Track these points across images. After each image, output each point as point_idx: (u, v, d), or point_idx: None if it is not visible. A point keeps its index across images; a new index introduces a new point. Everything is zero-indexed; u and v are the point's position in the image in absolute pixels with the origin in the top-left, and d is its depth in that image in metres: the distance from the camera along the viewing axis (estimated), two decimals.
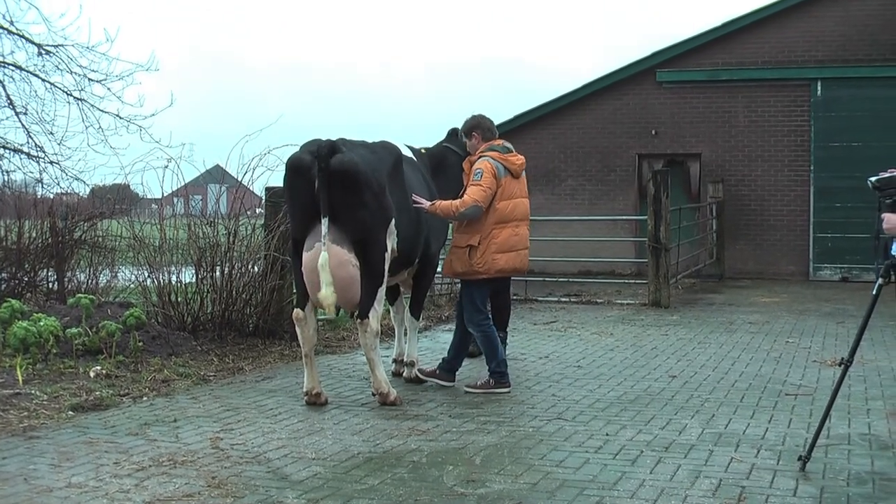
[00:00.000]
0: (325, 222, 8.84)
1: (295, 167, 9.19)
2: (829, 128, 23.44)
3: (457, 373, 10.40)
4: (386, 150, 9.71)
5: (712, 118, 24.15)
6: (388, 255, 9.31)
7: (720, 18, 27.03)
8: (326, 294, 8.88)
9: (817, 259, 23.51)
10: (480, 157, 10.04)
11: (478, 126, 10.33)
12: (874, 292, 7.19)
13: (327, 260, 8.82)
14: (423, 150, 11.01)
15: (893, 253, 7.12)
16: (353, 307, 9.38)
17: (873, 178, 7.31)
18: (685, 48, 24.29)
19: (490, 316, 10.31)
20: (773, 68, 23.72)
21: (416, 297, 10.94)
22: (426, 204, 9.82)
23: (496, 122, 10.73)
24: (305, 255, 9.14)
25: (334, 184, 8.88)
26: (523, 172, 10.32)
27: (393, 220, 9.33)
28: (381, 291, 9.30)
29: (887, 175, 7.19)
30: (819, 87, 23.56)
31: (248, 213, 14.10)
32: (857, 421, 8.77)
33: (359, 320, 9.24)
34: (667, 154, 24.56)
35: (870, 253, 22.76)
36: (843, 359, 7.44)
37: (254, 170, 13.00)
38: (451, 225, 11.01)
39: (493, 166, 9.86)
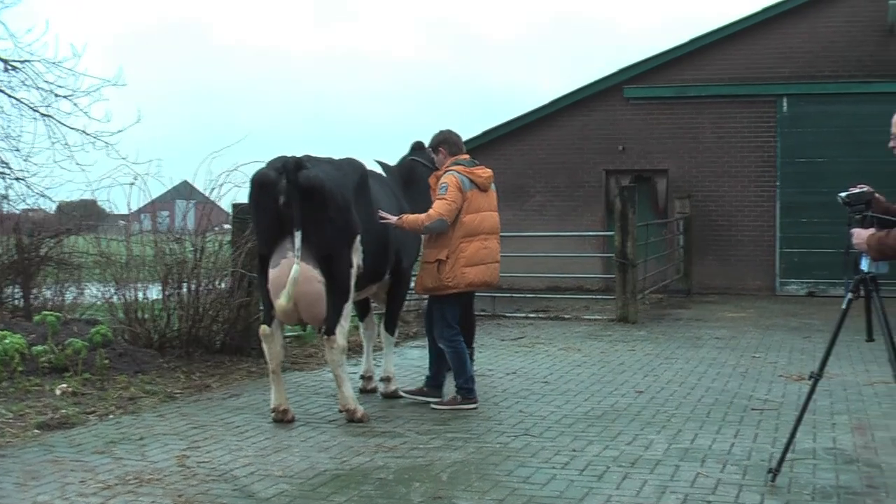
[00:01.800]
0: (298, 235, 8.83)
1: (260, 183, 9.17)
2: (795, 144, 23.60)
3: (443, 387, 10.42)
4: (351, 167, 9.70)
5: (679, 134, 24.27)
6: (353, 271, 9.29)
7: (686, 36, 27.12)
8: (283, 303, 8.86)
9: (784, 274, 23.66)
10: (446, 171, 10.03)
11: (445, 141, 10.30)
12: (844, 306, 7.25)
13: (299, 272, 8.82)
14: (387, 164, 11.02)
15: (863, 268, 7.16)
16: (320, 323, 9.39)
17: (843, 194, 7.31)
18: (652, 64, 24.42)
19: (461, 332, 10.26)
20: (739, 84, 23.87)
21: (389, 312, 10.96)
22: (393, 219, 9.80)
23: (465, 138, 10.74)
24: (272, 272, 9.12)
25: (300, 200, 8.88)
26: (492, 186, 10.32)
27: (358, 237, 9.31)
28: (348, 307, 9.30)
29: (856, 191, 7.19)
30: (785, 104, 23.72)
31: (216, 229, 14.08)
32: (822, 435, 8.80)
33: (325, 336, 9.22)
34: (634, 170, 24.66)
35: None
36: (812, 372, 7.48)
37: (221, 186, 13.00)
38: (423, 240, 11.08)
39: (458, 180, 9.84)
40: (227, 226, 14.27)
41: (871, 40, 23.29)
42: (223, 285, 12.96)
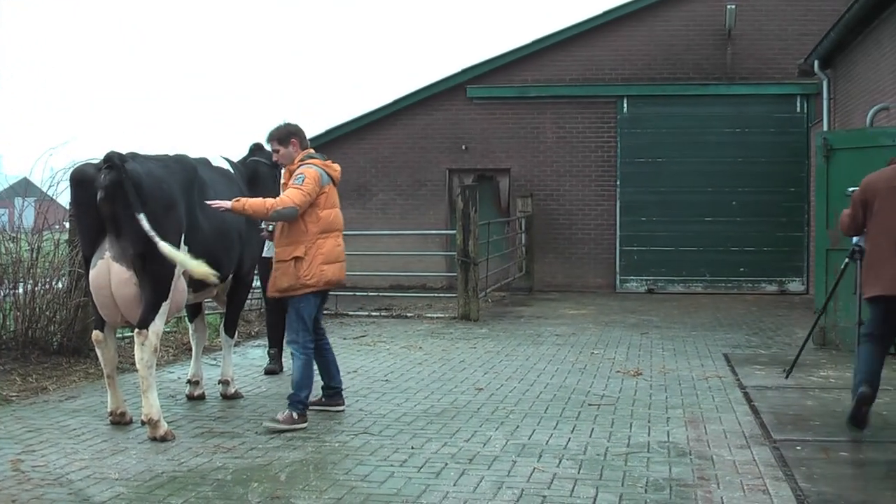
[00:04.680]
0: (110, 234, 8.56)
1: (78, 180, 8.80)
2: (634, 144, 24.05)
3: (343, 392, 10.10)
4: (179, 165, 9.30)
5: (521, 134, 24.53)
6: (177, 271, 8.92)
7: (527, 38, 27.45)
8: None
9: (623, 271, 24.08)
10: (303, 164, 9.49)
11: (296, 133, 9.69)
12: (842, 267, 10.53)
13: (110, 273, 8.57)
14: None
15: (853, 241, 9.72)
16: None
17: (849, 189, 10.40)
18: (495, 65, 24.63)
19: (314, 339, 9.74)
20: (580, 85, 24.21)
21: (230, 315, 10.75)
22: (226, 204, 9.19)
23: (307, 136, 10.47)
24: (91, 272, 8.80)
25: (117, 196, 8.51)
26: None
27: (183, 236, 9.00)
28: (165, 307, 8.87)
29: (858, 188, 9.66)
30: (625, 105, 24.15)
31: (57, 226, 13.83)
32: (656, 429, 9.00)
33: (136, 331, 8.75)
34: (477, 169, 24.84)
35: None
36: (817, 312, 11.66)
37: (58, 183, 12.78)
38: (266, 242, 10.85)
39: (318, 174, 9.35)
40: (65, 223, 14.03)
41: (709, 44, 23.86)
42: (60, 285, 12.74)
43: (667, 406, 10.03)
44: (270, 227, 9.68)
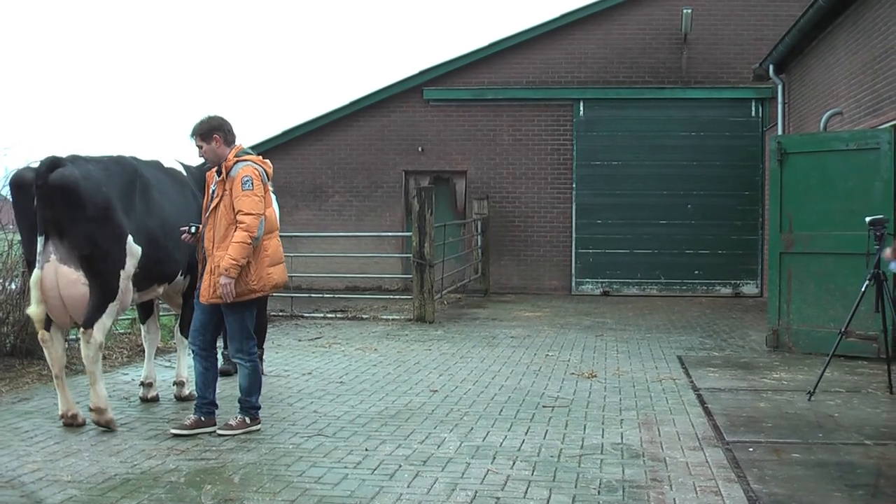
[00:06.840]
0: (40, 240, 8.55)
1: (17, 184, 8.78)
2: (590, 147, 24.14)
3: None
4: (119, 166, 9.19)
5: (478, 136, 24.56)
6: (123, 272, 8.94)
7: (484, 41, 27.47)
8: (35, 311, 8.65)
9: (579, 274, 24.15)
10: (240, 162, 8.95)
11: (220, 128, 9.01)
12: (863, 289, 10.82)
13: (39, 278, 8.56)
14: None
15: (892, 268, 10.07)
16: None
17: (868, 217, 10.95)
18: (452, 67, 24.64)
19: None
20: (536, 88, 24.27)
21: (185, 315, 10.52)
22: (225, 280, 8.64)
23: (263, 138, 10.35)
24: (33, 276, 8.73)
25: (55, 200, 8.52)
26: None
27: (130, 237, 8.97)
28: (113, 307, 8.89)
29: (878, 217, 10.94)
30: (581, 108, 24.23)
31: (11, 227, 13.73)
32: (610, 431, 9.01)
33: (82, 329, 8.79)
34: (433, 171, 24.85)
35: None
36: (840, 330, 10.97)
37: None
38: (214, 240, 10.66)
39: (259, 171, 8.94)
40: None
41: (665, 47, 23.99)
42: (13, 286, 12.65)
43: (621, 408, 10.05)
44: (192, 230, 9.18)
